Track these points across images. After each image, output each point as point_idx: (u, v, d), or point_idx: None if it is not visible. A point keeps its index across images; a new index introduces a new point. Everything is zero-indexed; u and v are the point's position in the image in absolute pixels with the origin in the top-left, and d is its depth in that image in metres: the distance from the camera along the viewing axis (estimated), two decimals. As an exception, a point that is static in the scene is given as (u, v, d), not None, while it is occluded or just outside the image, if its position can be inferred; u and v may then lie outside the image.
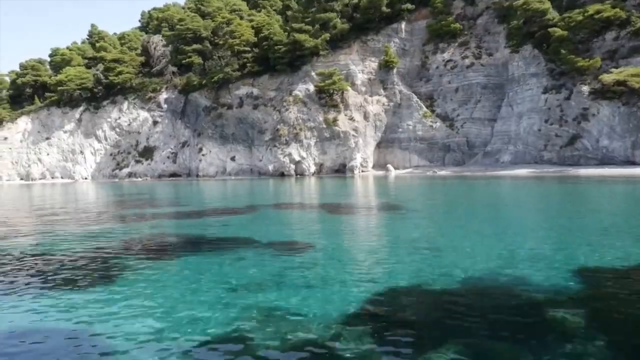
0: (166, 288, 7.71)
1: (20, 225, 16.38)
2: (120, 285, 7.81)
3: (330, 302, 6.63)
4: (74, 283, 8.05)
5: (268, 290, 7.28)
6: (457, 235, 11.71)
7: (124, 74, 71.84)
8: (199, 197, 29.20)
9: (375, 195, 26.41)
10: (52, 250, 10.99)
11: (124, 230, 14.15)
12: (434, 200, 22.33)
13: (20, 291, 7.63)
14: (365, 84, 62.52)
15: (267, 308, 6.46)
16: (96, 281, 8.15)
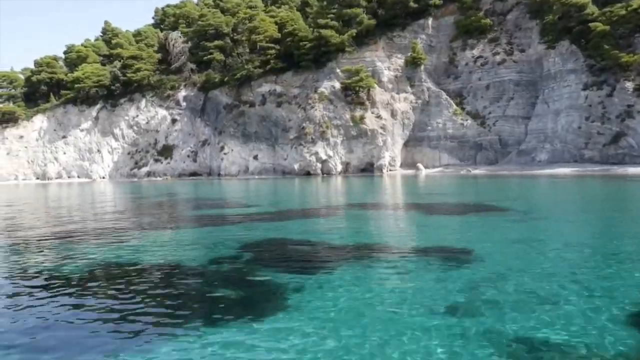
0: (349, 312, 6.01)
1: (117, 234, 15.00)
2: (291, 311, 6.10)
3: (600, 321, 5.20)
4: (233, 312, 6.30)
5: (496, 311, 5.80)
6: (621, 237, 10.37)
7: (142, 71, 70.40)
8: (259, 198, 27.52)
9: (450, 194, 24.97)
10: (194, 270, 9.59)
11: (238, 237, 12.76)
12: (523, 200, 20.75)
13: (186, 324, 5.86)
14: (391, 81, 61.13)
15: (527, 339, 4.96)
16: (263, 310, 6.38)
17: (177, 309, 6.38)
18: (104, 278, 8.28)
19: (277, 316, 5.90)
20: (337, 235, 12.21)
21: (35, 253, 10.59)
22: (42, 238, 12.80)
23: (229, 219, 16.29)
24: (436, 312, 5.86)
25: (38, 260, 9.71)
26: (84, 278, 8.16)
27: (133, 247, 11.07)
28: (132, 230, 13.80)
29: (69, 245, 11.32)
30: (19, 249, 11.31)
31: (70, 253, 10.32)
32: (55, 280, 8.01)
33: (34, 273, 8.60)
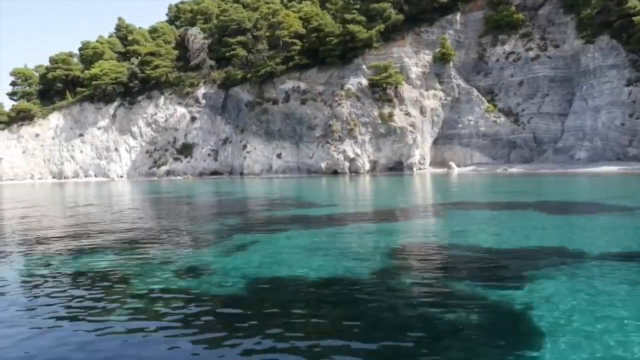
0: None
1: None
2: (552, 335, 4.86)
3: None
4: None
5: None
6: None
7: (160, 67, 68.94)
8: (321, 196, 25.72)
9: (532, 193, 23.46)
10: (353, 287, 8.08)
11: (368, 242, 11.26)
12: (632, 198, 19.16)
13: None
14: (419, 77, 59.64)
15: None
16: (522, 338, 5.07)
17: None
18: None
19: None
20: (493, 237, 10.75)
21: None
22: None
23: (323, 221, 14.80)
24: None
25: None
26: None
27: (261, 255, 9.61)
28: (250, 233, 12.31)
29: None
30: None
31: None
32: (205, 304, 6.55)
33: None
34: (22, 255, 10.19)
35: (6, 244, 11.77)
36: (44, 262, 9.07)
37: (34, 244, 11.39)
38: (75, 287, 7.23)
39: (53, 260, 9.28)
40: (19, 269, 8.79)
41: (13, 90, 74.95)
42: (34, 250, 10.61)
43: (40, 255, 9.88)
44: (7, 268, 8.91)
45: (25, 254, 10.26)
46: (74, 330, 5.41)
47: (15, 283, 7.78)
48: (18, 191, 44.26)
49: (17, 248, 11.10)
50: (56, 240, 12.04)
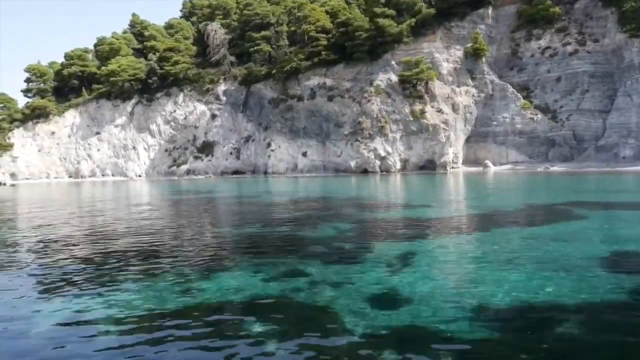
0: None
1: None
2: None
3: None
4: None
5: None
6: None
7: (180, 63, 66.98)
8: (405, 196, 23.84)
9: (616, 192, 21.62)
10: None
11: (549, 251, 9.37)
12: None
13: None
14: (451, 73, 57.81)
15: None
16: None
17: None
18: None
19: None
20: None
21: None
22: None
23: (451, 224, 12.93)
24: None
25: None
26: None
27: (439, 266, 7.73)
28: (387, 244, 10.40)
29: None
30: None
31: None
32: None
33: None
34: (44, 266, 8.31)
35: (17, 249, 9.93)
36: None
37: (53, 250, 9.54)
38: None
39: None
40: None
41: (27, 87, 72.97)
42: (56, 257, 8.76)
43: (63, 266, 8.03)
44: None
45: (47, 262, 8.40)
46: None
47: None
48: (33, 191, 42.12)
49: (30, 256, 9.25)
50: (71, 250, 10.18)
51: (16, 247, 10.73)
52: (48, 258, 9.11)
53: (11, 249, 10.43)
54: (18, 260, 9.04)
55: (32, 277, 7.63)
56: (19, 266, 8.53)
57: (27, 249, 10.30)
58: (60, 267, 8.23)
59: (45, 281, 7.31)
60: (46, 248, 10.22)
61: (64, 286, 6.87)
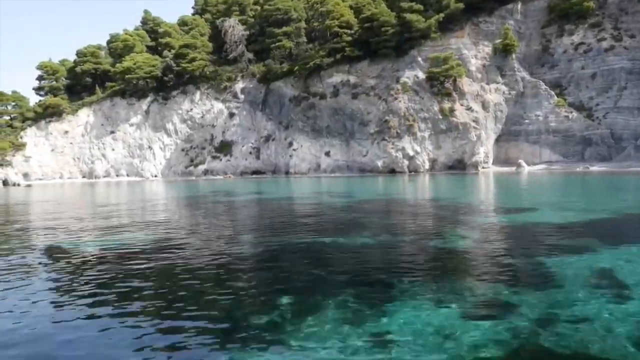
0: None
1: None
2: None
3: None
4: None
5: None
6: None
7: (197, 60, 65.08)
8: (495, 198, 22.00)
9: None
10: None
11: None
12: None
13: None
14: (480, 70, 56.04)
15: None
16: None
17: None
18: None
19: None
20: None
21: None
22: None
23: (583, 231, 11.11)
24: None
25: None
26: None
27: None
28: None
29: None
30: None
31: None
32: None
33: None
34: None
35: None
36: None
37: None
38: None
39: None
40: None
41: (39, 84, 71.07)
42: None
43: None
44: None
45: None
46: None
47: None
48: (50, 192, 40.09)
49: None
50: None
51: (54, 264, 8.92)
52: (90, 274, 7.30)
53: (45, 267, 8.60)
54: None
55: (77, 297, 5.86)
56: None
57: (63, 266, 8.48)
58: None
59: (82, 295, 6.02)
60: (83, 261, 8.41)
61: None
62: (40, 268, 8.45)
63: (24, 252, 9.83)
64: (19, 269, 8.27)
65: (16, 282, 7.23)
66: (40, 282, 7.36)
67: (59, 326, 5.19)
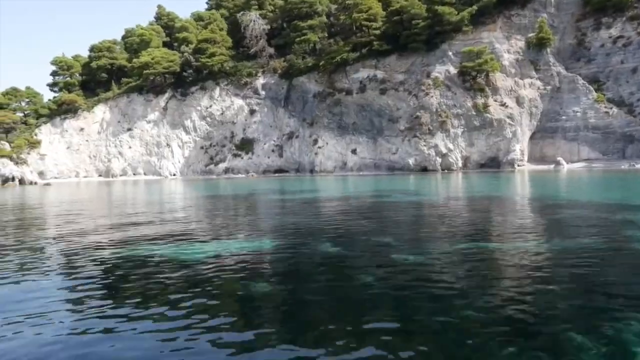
0: None
1: None
2: None
3: None
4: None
5: None
6: None
7: (217, 55, 63.14)
8: (585, 195, 19.61)
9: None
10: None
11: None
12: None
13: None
14: (513, 64, 54.18)
15: None
16: None
17: None
18: None
19: None
20: None
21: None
22: None
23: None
24: None
25: None
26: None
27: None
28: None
29: None
30: None
31: None
32: None
33: None
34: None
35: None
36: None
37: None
38: None
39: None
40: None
41: (54, 80, 69.14)
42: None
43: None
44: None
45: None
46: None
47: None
48: (68, 191, 37.96)
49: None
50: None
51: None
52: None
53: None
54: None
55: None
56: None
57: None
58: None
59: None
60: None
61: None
62: (100, 278, 6.64)
63: (79, 264, 7.94)
64: (78, 281, 6.47)
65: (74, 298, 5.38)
66: (94, 294, 5.81)
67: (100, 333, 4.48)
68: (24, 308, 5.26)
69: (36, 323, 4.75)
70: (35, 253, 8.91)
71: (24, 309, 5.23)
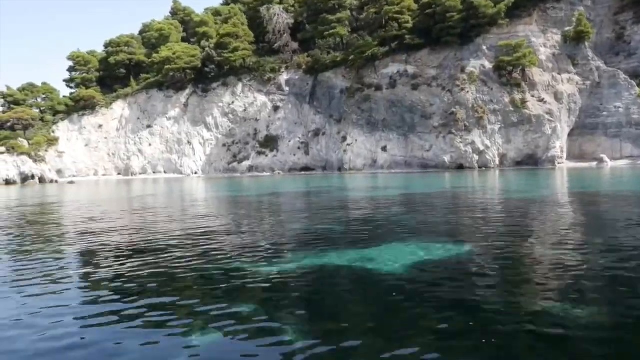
0: None
1: None
2: None
3: None
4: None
5: None
6: None
7: (240, 50, 61.34)
8: None
9: None
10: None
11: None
12: None
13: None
14: (550, 59, 52.52)
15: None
16: None
17: None
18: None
19: None
20: None
21: None
22: None
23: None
24: None
25: None
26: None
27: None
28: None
29: None
30: None
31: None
32: None
33: None
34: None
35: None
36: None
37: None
38: None
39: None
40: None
41: (70, 76, 67.18)
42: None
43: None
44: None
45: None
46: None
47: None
48: (95, 190, 35.95)
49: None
50: None
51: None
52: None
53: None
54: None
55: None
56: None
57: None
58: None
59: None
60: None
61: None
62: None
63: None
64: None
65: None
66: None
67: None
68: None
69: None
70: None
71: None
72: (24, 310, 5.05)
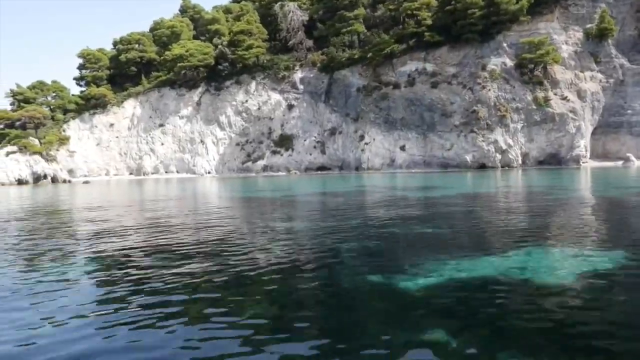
0: None
1: None
2: None
3: None
4: None
5: None
6: None
7: (254, 48, 60.32)
8: None
9: None
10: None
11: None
12: None
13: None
14: (572, 56, 51.70)
15: None
16: None
17: None
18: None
19: None
20: None
21: None
22: None
23: None
24: None
25: None
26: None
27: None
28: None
29: None
30: None
31: None
32: None
33: None
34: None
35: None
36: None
37: None
38: None
39: None
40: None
41: (80, 74, 66.05)
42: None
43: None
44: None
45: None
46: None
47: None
48: (92, 193, 34.25)
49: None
50: None
51: None
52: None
53: None
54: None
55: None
56: None
57: None
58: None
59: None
60: None
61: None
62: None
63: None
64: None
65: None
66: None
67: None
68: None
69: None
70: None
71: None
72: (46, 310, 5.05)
